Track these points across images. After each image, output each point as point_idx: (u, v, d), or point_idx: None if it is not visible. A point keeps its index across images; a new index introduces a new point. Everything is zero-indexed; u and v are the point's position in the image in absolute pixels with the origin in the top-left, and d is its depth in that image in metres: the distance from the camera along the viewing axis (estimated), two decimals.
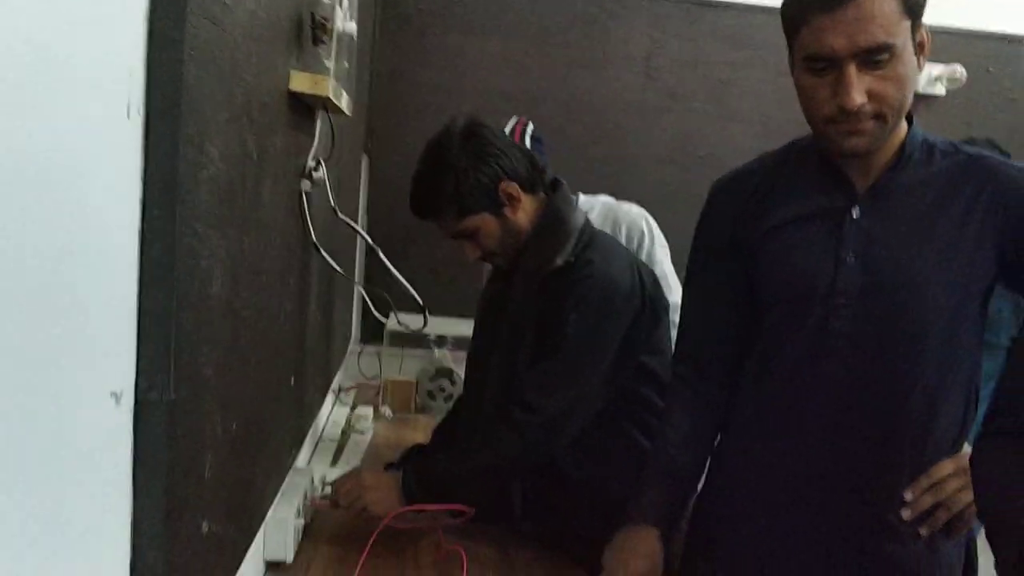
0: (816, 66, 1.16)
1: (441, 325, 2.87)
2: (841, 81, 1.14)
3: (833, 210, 1.26)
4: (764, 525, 1.33)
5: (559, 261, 1.58)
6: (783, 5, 1.19)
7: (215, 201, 0.86)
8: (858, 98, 1.14)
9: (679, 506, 1.42)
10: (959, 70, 3.10)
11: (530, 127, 2.27)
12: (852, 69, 1.13)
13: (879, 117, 1.16)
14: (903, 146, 1.24)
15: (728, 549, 1.38)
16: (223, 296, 0.93)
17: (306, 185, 1.40)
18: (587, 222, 1.69)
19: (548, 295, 1.59)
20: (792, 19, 1.18)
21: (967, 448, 1.27)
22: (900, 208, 1.23)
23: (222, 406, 0.97)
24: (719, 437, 1.46)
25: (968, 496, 1.20)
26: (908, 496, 1.24)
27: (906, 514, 1.24)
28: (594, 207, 2.24)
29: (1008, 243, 1.20)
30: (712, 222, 1.41)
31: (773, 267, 1.31)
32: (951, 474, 1.23)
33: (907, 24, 1.12)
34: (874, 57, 1.12)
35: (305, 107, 1.39)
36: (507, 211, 1.61)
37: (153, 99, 0.70)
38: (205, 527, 0.94)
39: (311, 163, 1.42)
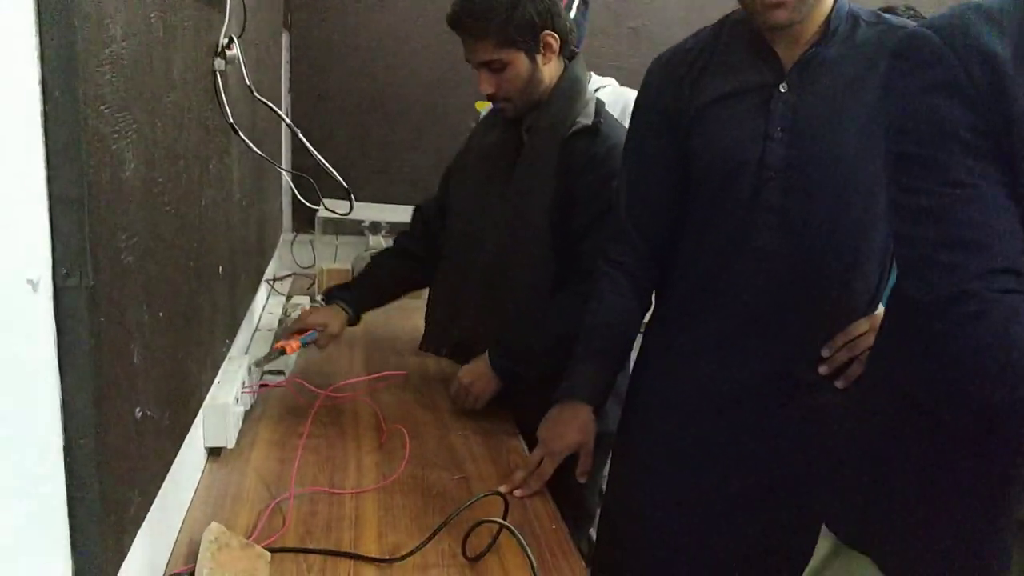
0: None
1: (375, 211, 2.85)
2: None
3: (762, 86, 1.28)
4: (695, 388, 1.40)
5: (584, 121, 1.65)
6: None
7: (120, 81, 0.83)
8: None
9: (610, 381, 1.49)
10: None
11: None
12: None
13: None
14: (828, 20, 1.26)
15: (658, 419, 1.46)
16: (138, 181, 0.91)
17: (219, 64, 1.34)
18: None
19: (570, 155, 1.65)
20: None
21: (881, 308, 1.34)
22: (824, 82, 1.26)
23: (147, 293, 0.96)
24: (652, 312, 1.51)
25: None
26: (825, 352, 1.32)
27: (823, 369, 1.32)
28: (605, 87, 2.21)
29: None
30: (650, 100, 1.43)
31: (705, 143, 1.34)
32: (866, 332, 1.31)
33: None
34: None
35: None
36: (539, 59, 1.66)
37: None
38: (139, 413, 0.95)
39: (223, 40, 1.36)
